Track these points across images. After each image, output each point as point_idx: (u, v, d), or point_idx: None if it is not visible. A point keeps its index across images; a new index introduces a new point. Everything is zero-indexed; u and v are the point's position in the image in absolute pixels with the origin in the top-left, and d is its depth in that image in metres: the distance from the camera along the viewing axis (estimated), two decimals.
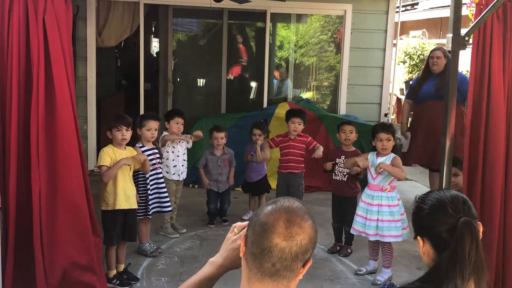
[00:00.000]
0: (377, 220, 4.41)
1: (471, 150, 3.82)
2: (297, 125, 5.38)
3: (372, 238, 4.49)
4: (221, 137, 5.59)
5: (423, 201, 1.75)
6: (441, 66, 5.81)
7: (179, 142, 5.31)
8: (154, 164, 4.78)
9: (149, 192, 4.72)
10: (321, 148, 5.41)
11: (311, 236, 1.38)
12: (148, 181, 4.71)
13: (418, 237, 1.73)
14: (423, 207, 1.73)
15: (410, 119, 6.52)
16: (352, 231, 4.66)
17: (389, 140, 4.45)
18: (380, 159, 4.48)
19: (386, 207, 4.42)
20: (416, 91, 6.11)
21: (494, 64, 3.75)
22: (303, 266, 1.38)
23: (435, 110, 5.45)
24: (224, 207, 5.76)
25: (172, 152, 5.26)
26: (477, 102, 3.82)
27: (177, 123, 5.21)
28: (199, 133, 5.57)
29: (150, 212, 4.75)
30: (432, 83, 5.89)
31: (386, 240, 4.43)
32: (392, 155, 4.48)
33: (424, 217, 1.71)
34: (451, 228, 1.62)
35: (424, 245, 1.71)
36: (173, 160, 5.26)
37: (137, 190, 4.63)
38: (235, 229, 1.58)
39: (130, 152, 4.31)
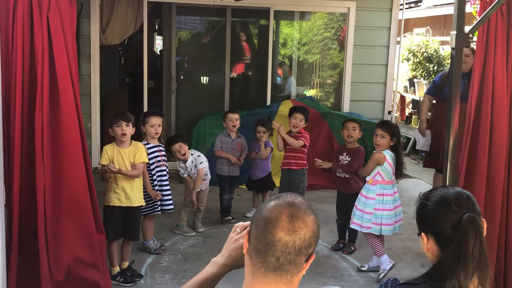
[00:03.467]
0: (356, 207, 4.59)
1: (473, 147, 3.82)
2: (298, 121, 5.35)
3: (354, 227, 4.65)
4: (235, 118, 5.64)
5: (427, 197, 1.75)
6: (469, 65, 5.36)
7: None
8: (159, 161, 4.79)
9: (155, 188, 4.73)
10: (290, 139, 5.28)
11: (314, 230, 1.39)
12: (154, 177, 4.73)
13: (422, 234, 1.73)
14: (427, 204, 1.73)
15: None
16: (351, 225, 4.69)
17: (383, 137, 4.50)
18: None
19: (363, 197, 4.57)
20: (440, 88, 5.82)
21: (497, 61, 3.75)
22: (306, 260, 1.39)
23: (461, 111, 5.19)
24: (229, 197, 5.77)
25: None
26: (481, 98, 3.82)
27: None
28: None
29: (158, 209, 4.76)
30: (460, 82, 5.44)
31: (352, 226, 4.62)
32: (380, 151, 4.54)
33: (428, 213, 1.72)
34: (455, 224, 1.62)
35: (428, 242, 1.71)
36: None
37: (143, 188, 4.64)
38: (237, 229, 1.59)
39: (134, 147, 4.30)
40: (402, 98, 10.54)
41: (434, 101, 6.13)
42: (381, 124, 4.67)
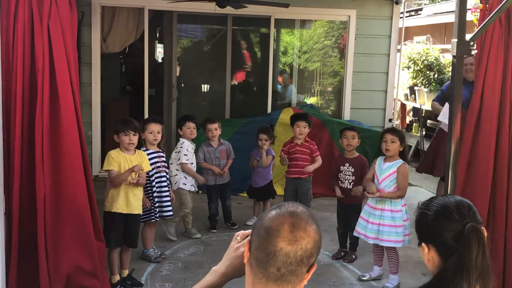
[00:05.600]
0: (379, 224, 4.41)
1: (461, 156, 3.84)
2: (302, 129, 5.37)
3: (371, 241, 4.49)
4: (214, 128, 5.59)
5: (427, 207, 1.71)
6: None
7: (193, 156, 5.36)
8: (159, 167, 4.77)
9: (154, 194, 4.71)
10: (317, 165, 5.37)
11: (316, 240, 1.37)
12: (153, 183, 4.71)
13: (423, 244, 1.70)
14: (428, 214, 1.69)
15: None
16: (354, 233, 4.66)
17: (393, 142, 4.43)
18: (387, 164, 4.46)
19: (388, 212, 4.40)
20: (447, 98, 5.81)
21: (489, 69, 3.75)
22: (308, 271, 1.37)
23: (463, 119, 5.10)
24: (227, 203, 5.74)
25: (192, 163, 5.32)
26: (471, 106, 3.85)
27: (189, 128, 5.31)
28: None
29: (157, 215, 4.74)
30: (465, 91, 5.35)
31: (385, 244, 4.42)
32: (400, 162, 4.45)
33: (428, 223, 1.68)
34: (458, 234, 1.59)
35: (429, 252, 1.68)
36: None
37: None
38: (238, 237, 1.57)
39: (139, 156, 4.30)
40: (403, 106, 10.54)
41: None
42: (390, 130, 4.65)
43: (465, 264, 1.55)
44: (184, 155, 5.27)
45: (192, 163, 5.36)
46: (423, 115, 9.46)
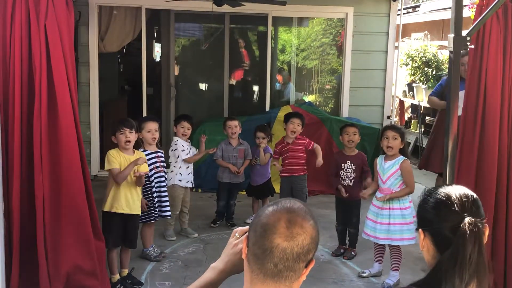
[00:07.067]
0: (389, 223, 4.38)
1: (464, 151, 3.83)
2: (296, 126, 5.38)
3: (382, 242, 4.46)
4: (234, 125, 5.63)
5: (431, 194, 1.68)
6: None
7: (190, 150, 5.35)
8: (158, 167, 4.77)
9: (154, 195, 4.70)
10: (320, 155, 5.34)
11: (313, 237, 1.37)
12: (153, 184, 4.70)
13: (420, 230, 1.68)
14: (429, 200, 1.67)
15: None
16: (363, 236, 4.62)
17: (395, 138, 4.42)
18: (389, 163, 4.45)
19: (397, 210, 4.38)
20: (445, 92, 5.74)
21: (490, 64, 3.75)
22: (306, 266, 1.38)
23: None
24: (231, 202, 5.75)
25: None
26: (473, 102, 3.84)
27: (183, 128, 5.27)
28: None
29: (157, 215, 4.73)
30: (462, 87, 5.26)
31: (398, 243, 4.39)
32: (401, 158, 4.44)
33: (428, 210, 1.66)
34: (455, 226, 1.56)
35: (424, 239, 1.66)
36: (187, 167, 5.31)
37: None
38: (236, 234, 1.57)
39: (138, 156, 4.29)
40: (401, 102, 10.55)
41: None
42: (391, 127, 4.65)
43: (458, 259, 1.52)
44: (182, 151, 5.24)
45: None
46: (421, 111, 9.46)
